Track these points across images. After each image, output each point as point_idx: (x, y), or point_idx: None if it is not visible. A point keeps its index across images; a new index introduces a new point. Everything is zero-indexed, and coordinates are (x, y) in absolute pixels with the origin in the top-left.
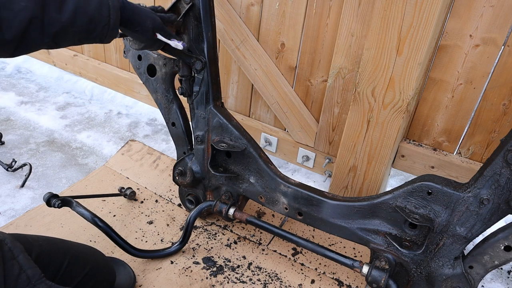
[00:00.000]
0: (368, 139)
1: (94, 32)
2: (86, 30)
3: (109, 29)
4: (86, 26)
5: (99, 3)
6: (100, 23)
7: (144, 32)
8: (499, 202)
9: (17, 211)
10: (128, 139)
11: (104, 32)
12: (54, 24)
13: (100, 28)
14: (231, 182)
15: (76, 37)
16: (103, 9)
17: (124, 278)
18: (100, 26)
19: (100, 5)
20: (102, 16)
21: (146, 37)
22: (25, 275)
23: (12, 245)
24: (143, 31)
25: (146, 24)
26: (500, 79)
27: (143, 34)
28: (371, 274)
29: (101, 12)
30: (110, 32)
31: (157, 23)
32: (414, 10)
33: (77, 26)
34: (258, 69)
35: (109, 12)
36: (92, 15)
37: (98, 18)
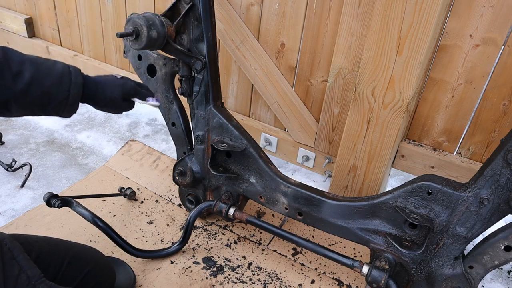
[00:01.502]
0: (368, 139)
1: (49, 106)
2: (40, 103)
3: (67, 104)
4: (40, 100)
5: (59, 78)
6: (57, 98)
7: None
8: (499, 202)
9: (17, 211)
10: (128, 139)
11: (61, 107)
12: (6, 92)
13: (56, 103)
14: (231, 182)
15: (29, 108)
16: (63, 84)
17: (124, 278)
18: (57, 101)
19: (60, 80)
20: (60, 90)
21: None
22: (24, 275)
23: (11, 245)
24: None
25: (113, 95)
26: (500, 79)
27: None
28: (371, 274)
29: (60, 86)
30: (68, 107)
31: (127, 89)
32: (414, 10)
33: (30, 97)
34: (258, 69)
35: (70, 87)
36: (48, 90)
37: (55, 93)
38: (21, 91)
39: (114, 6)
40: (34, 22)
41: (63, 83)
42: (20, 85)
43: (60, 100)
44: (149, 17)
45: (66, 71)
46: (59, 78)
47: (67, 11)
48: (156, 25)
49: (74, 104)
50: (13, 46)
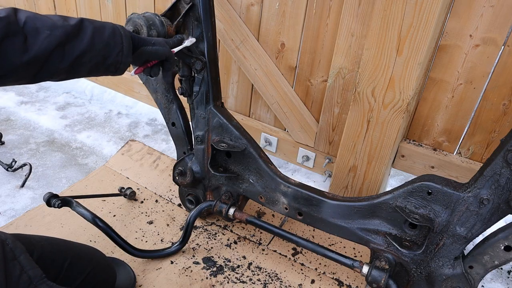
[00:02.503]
0: (368, 139)
1: (109, 59)
2: (102, 56)
3: (123, 56)
4: (103, 52)
5: (112, 30)
6: (115, 49)
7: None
8: (499, 202)
9: (17, 211)
10: (128, 139)
11: (118, 59)
12: (74, 49)
13: (114, 55)
14: (231, 182)
15: (93, 62)
16: (116, 36)
17: (124, 278)
18: (115, 53)
19: (113, 32)
20: (116, 42)
21: (161, 45)
22: (26, 276)
23: (13, 245)
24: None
25: (158, 38)
26: (500, 79)
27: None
28: (371, 274)
29: (115, 38)
30: (124, 59)
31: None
32: (414, 10)
33: (95, 50)
34: (258, 69)
35: (122, 39)
36: (107, 41)
37: (113, 44)
38: (87, 46)
39: (114, 6)
40: None
41: (116, 36)
42: (86, 40)
43: (117, 52)
44: (149, 17)
45: (115, 26)
46: (112, 32)
47: (67, 11)
48: (156, 25)
49: (128, 56)
50: None
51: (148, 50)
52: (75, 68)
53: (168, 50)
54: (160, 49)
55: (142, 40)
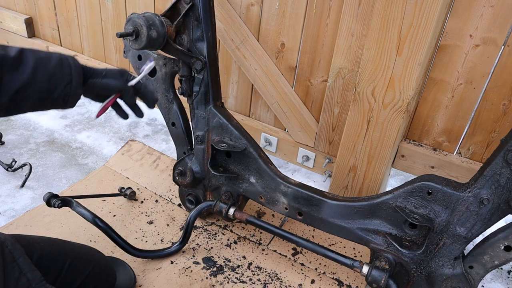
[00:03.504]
0: (368, 139)
1: (56, 91)
2: (47, 88)
3: (72, 87)
4: (47, 84)
5: (59, 61)
6: (62, 82)
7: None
8: (499, 202)
9: (17, 211)
10: (128, 139)
11: (67, 91)
12: (14, 82)
13: (62, 87)
14: (231, 182)
15: (37, 96)
16: (64, 67)
17: (124, 278)
18: (62, 85)
19: (60, 63)
20: (63, 73)
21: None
22: (25, 278)
23: (12, 247)
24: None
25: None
26: (500, 79)
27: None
28: (371, 274)
29: (62, 69)
30: (73, 91)
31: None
32: (414, 10)
33: (38, 83)
34: (258, 69)
35: (71, 70)
36: (53, 72)
37: (60, 76)
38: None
39: (114, 6)
40: (34, 22)
41: (64, 66)
42: (27, 72)
43: (65, 84)
44: (149, 17)
45: (63, 56)
46: (59, 62)
47: (67, 11)
48: (156, 25)
49: (77, 88)
50: None
51: (98, 82)
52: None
53: (121, 84)
54: (111, 82)
55: (93, 72)
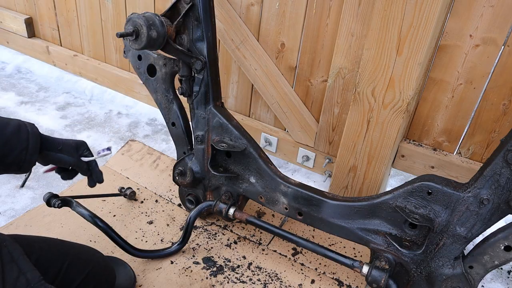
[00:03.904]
0: (368, 139)
1: (10, 157)
2: (1, 154)
3: (27, 154)
4: (1, 150)
5: (17, 128)
6: (17, 147)
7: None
8: (499, 202)
9: (17, 211)
10: (128, 139)
11: (21, 157)
12: None
13: (16, 153)
14: (231, 182)
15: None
16: (21, 134)
17: (124, 278)
18: (17, 151)
19: (18, 130)
20: (20, 140)
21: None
22: (24, 278)
23: (11, 247)
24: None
25: (68, 142)
26: (500, 79)
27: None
28: (371, 274)
29: (19, 136)
30: (28, 157)
31: (80, 142)
32: (414, 10)
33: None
34: (258, 69)
35: (28, 136)
36: (8, 138)
37: (15, 142)
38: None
39: (114, 6)
40: (34, 22)
41: (22, 133)
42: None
43: (21, 150)
44: (149, 17)
45: (22, 123)
46: (17, 129)
47: (67, 11)
48: (156, 25)
49: (33, 154)
50: (13, 46)
51: (52, 155)
52: None
53: (74, 160)
54: (64, 157)
55: (50, 142)
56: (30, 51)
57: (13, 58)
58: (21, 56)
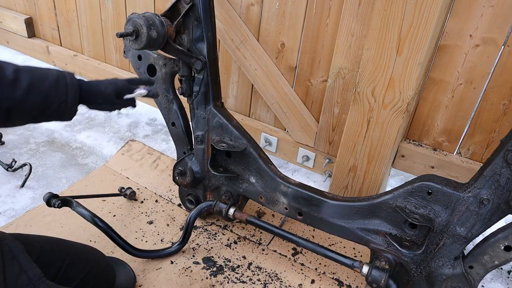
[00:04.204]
0: (368, 139)
1: (49, 110)
2: (41, 107)
3: (66, 106)
4: (40, 103)
5: (56, 81)
6: (56, 100)
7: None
8: (499, 202)
9: (17, 211)
10: (128, 139)
11: (60, 109)
12: (6, 101)
13: (55, 106)
14: (231, 182)
15: (31, 114)
16: (60, 87)
17: (124, 278)
18: (56, 103)
19: (56, 83)
20: (58, 93)
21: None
22: (25, 275)
23: (12, 245)
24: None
25: (107, 92)
26: (500, 79)
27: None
28: (371, 274)
29: (57, 89)
30: (68, 109)
31: (119, 86)
32: (414, 10)
33: (31, 102)
34: (258, 69)
35: (67, 90)
36: (47, 92)
37: (54, 95)
38: (21, 98)
39: (114, 6)
40: (34, 22)
41: (60, 86)
42: (19, 92)
43: (59, 103)
44: (149, 17)
45: (61, 75)
46: (55, 82)
47: (67, 11)
48: (156, 25)
49: (73, 106)
50: (13, 46)
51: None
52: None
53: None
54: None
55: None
56: (30, 51)
57: (13, 58)
58: (21, 56)
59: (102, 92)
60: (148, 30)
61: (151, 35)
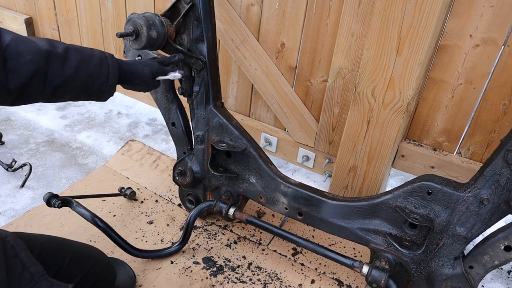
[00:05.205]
0: (368, 139)
1: (92, 89)
2: (85, 86)
3: (107, 86)
4: (85, 82)
5: (100, 61)
6: (99, 80)
7: (144, 82)
8: (499, 202)
9: (17, 211)
10: (128, 139)
11: (102, 89)
12: (57, 78)
13: (98, 85)
14: (231, 182)
15: (75, 92)
16: (103, 68)
17: (124, 278)
18: (99, 83)
19: (100, 64)
20: (101, 74)
21: (147, 84)
22: (28, 273)
23: (14, 242)
24: (143, 81)
25: (144, 73)
26: (500, 79)
27: (144, 83)
28: (371, 274)
29: (101, 70)
30: (108, 89)
31: (155, 68)
32: (414, 10)
33: (78, 81)
34: (258, 69)
35: (109, 71)
36: (92, 72)
37: (98, 75)
38: (71, 76)
39: (114, 6)
40: (34, 22)
41: (103, 67)
42: (69, 70)
43: (101, 83)
44: (149, 17)
45: (104, 56)
46: (99, 62)
47: (67, 11)
48: (156, 25)
49: (112, 86)
50: None
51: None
52: (56, 95)
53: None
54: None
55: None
56: None
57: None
58: None
59: (140, 74)
60: (148, 30)
61: (151, 35)
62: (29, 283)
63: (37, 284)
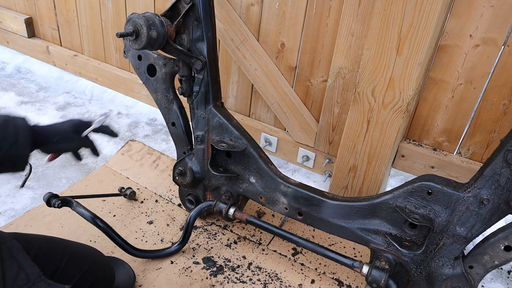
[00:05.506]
0: (368, 139)
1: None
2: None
3: (18, 149)
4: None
5: (3, 122)
6: (5, 144)
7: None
8: (499, 202)
9: (17, 211)
10: (128, 139)
11: (12, 153)
12: None
13: (6, 149)
14: (231, 182)
15: None
16: (8, 129)
17: (124, 277)
18: (6, 147)
19: (4, 125)
20: (7, 135)
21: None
22: (24, 274)
23: (10, 244)
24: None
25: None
26: (500, 79)
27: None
28: (371, 274)
29: (5, 131)
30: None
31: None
32: (414, 10)
33: None
34: (258, 69)
35: (17, 130)
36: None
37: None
38: None
39: (114, 6)
40: (34, 22)
41: (9, 128)
42: None
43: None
44: (149, 17)
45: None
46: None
47: (67, 11)
48: (156, 25)
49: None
50: (13, 46)
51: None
52: None
53: (76, 144)
54: (65, 146)
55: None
56: (30, 51)
57: (13, 58)
58: (21, 56)
59: (58, 129)
60: (148, 30)
61: (151, 35)
62: (25, 284)
63: (33, 285)
